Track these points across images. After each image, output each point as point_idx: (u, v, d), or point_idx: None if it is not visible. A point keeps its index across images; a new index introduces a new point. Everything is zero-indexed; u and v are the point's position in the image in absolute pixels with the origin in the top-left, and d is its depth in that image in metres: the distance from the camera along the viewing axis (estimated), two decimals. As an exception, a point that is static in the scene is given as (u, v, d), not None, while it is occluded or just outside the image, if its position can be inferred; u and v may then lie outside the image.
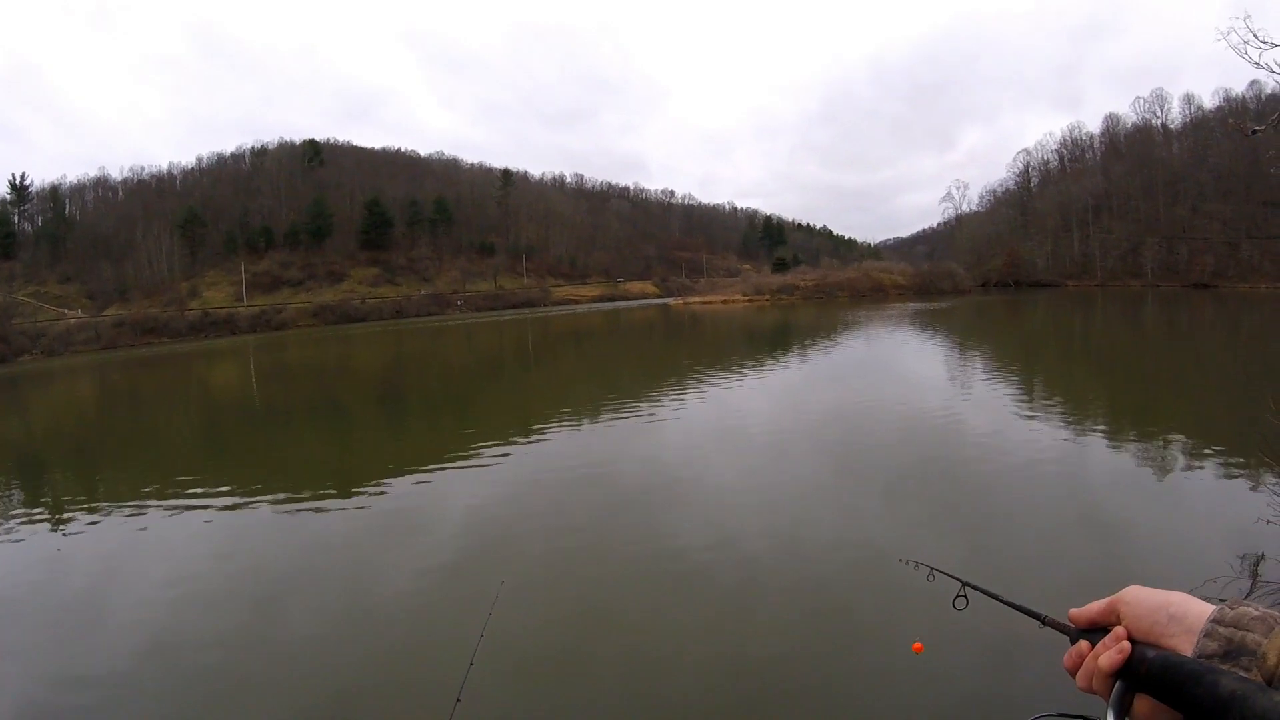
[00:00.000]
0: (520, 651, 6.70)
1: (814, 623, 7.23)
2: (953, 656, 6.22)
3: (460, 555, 9.64)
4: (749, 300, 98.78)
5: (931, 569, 2.02)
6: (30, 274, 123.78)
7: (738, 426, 17.08)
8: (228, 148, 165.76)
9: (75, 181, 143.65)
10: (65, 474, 18.28)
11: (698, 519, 10.47)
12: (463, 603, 7.83)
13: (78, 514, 13.02)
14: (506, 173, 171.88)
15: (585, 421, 18.71)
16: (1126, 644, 0.92)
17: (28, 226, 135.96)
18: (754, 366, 29.46)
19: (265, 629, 7.83)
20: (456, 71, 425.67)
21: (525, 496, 12.20)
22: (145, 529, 11.78)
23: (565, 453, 15.37)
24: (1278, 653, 0.79)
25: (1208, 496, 10.25)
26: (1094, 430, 14.73)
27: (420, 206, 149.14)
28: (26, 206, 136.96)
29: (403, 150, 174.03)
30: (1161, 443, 13.59)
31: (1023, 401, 18.21)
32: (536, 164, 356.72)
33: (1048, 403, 18.13)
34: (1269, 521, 7.30)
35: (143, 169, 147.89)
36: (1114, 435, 14.25)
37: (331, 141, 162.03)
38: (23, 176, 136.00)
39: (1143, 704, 0.90)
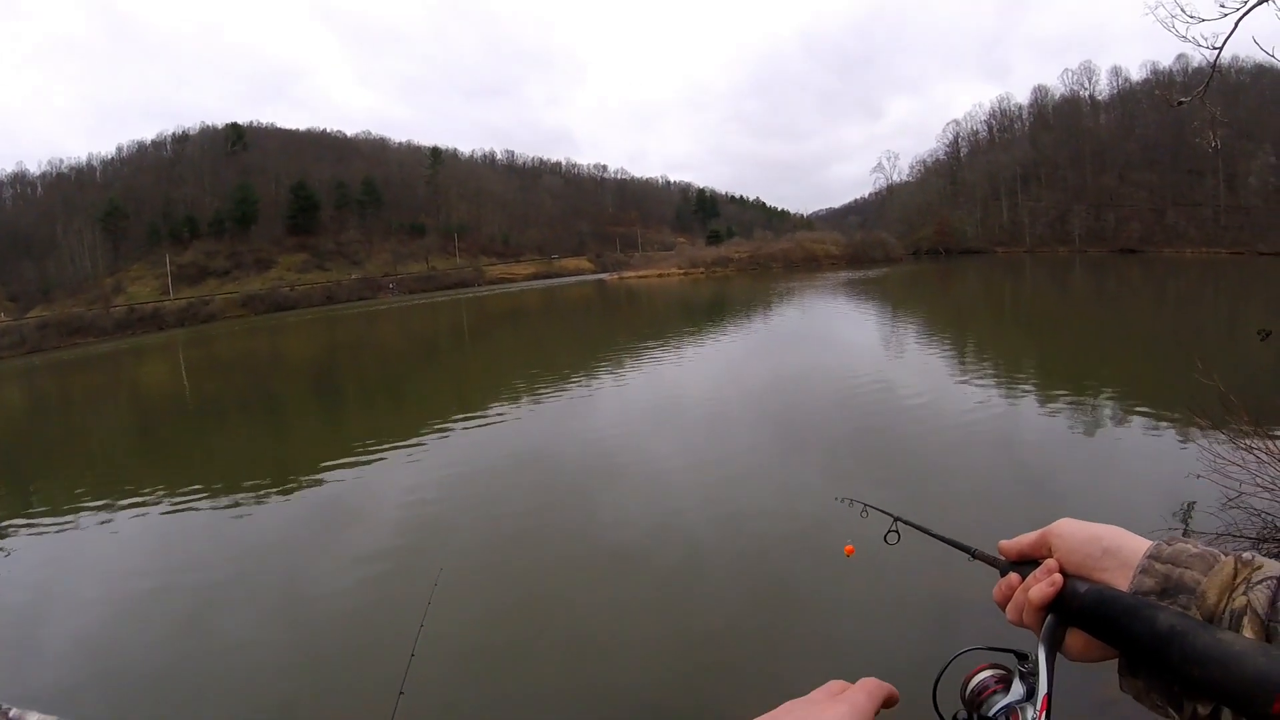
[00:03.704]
0: (462, 639, 6.81)
1: (754, 592, 7.51)
2: (885, 596, 6.69)
3: (398, 544, 9.73)
4: (684, 273, 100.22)
5: (865, 505, 2.12)
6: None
7: (676, 401, 17.47)
8: (142, 134, 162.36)
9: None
10: None
11: (637, 497, 10.69)
12: (402, 593, 7.84)
13: (9, 523, 12.93)
14: (436, 151, 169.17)
15: (523, 403, 18.90)
16: (1058, 576, 0.90)
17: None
18: (691, 340, 30.06)
19: (204, 629, 7.87)
20: (373, 46, 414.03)
21: (463, 482, 12.34)
22: (77, 539, 11.75)
23: (503, 435, 15.56)
24: (1219, 591, 0.77)
25: (1139, 453, 10.74)
26: (1026, 392, 15.41)
27: (348, 188, 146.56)
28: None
29: (328, 131, 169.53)
30: (1093, 403, 14.08)
31: (956, 365, 19.01)
32: (461, 140, 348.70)
33: (980, 366, 18.90)
34: (1199, 476, 7.42)
35: (61, 161, 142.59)
36: (1046, 396, 14.67)
37: (255, 124, 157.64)
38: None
39: (1075, 638, 0.89)
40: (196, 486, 14.00)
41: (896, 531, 1.65)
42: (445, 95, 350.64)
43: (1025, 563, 0.98)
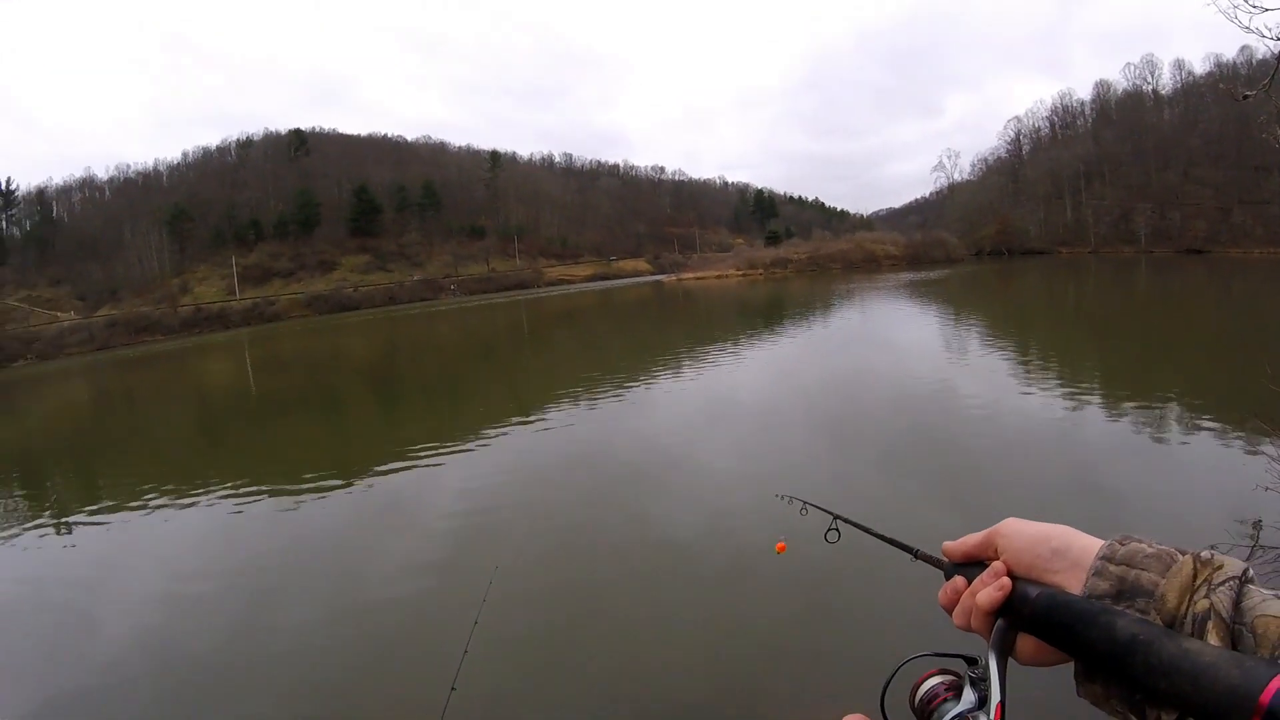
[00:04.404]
0: (515, 637, 6.72)
1: (799, 597, 7.19)
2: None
3: (454, 541, 9.65)
4: (742, 274, 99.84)
5: (805, 503, 2.00)
6: (20, 279, 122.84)
7: (731, 403, 17.04)
8: (204, 140, 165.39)
9: (61, 183, 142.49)
10: (61, 478, 18.37)
11: (691, 498, 10.46)
12: (457, 589, 7.76)
13: (75, 518, 13.08)
14: (495, 154, 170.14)
15: (579, 402, 18.68)
16: (1006, 580, 0.87)
17: (15, 231, 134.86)
18: (748, 341, 29.37)
19: (261, 623, 7.85)
20: (427, 53, 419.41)
21: (519, 480, 12.24)
22: (140, 532, 11.78)
23: (559, 435, 15.40)
24: (1179, 593, 0.73)
25: (1205, 463, 10.22)
26: (1089, 398, 14.62)
27: (408, 191, 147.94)
28: (13, 211, 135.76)
29: (389, 136, 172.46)
30: (1157, 410, 13.51)
31: (1017, 370, 18.16)
32: (518, 144, 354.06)
33: (1042, 371, 18.05)
34: (1268, 488, 7.16)
35: (128, 167, 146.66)
36: (1109, 403, 14.12)
37: (316, 130, 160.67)
38: (8, 181, 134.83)
39: (1026, 643, 0.86)
40: (258, 480, 14.22)
41: (836, 530, 1.61)
42: (498, 99, 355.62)
43: (971, 564, 0.95)
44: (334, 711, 6.21)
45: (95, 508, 13.64)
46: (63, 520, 13.15)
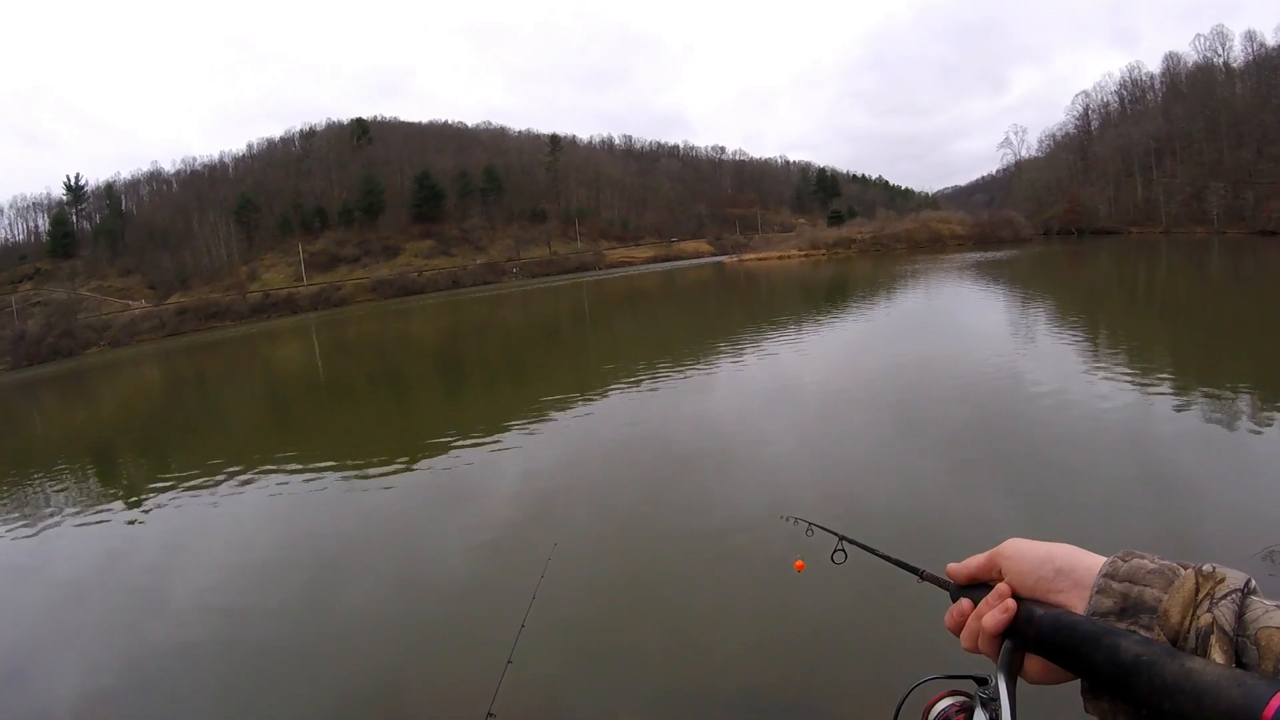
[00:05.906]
0: (571, 615, 6.72)
1: (857, 588, 6.74)
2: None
3: (514, 520, 9.73)
4: (805, 255, 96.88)
5: (810, 524, 1.98)
6: (91, 270, 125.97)
7: (793, 387, 16.81)
8: (268, 132, 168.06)
9: (129, 178, 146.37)
10: (134, 459, 18.61)
11: (750, 484, 10.36)
12: (516, 567, 7.85)
13: (146, 497, 13.32)
14: (554, 138, 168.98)
15: (640, 385, 18.62)
16: (1011, 602, 0.87)
17: (86, 224, 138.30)
18: (810, 324, 28.91)
19: (322, 598, 7.97)
20: (484, 41, 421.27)
21: (579, 461, 12.37)
22: (209, 507, 12.02)
23: (619, 417, 15.42)
24: (1181, 609, 0.74)
25: (1277, 456, 9.64)
26: (1158, 386, 13.87)
27: (470, 177, 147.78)
28: (83, 205, 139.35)
29: (449, 122, 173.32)
30: (1228, 400, 12.75)
31: (1085, 356, 17.38)
32: (573, 127, 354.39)
33: (1112, 358, 17.17)
34: None
35: (194, 160, 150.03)
36: (1179, 391, 13.40)
37: (379, 119, 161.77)
38: (77, 177, 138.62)
39: (1034, 663, 0.86)
40: (323, 459, 14.50)
41: (843, 551, 1.60)
42: (557, 85, 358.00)
43: (976, 586, 0.94)
44: (394, 679, 6.22)
45: (166, 488, 13.71)
46: (135, 500, 13.32)
